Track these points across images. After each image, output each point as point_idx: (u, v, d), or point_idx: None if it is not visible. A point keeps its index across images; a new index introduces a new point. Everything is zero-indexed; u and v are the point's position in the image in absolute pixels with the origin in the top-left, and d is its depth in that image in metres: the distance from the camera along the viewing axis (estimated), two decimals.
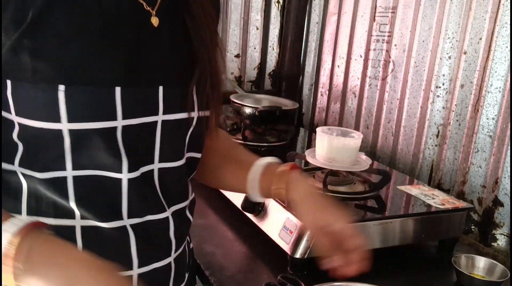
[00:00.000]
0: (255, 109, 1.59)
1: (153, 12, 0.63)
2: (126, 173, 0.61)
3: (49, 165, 0.59)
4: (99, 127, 0.58)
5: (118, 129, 0.59)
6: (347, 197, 1.15)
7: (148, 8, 0.62)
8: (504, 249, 1.25)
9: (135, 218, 0.64)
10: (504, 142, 1.24)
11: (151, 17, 0.63)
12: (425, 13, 1.48)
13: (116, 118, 0.59)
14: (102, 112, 0.58)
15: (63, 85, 0.55)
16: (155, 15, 0.63)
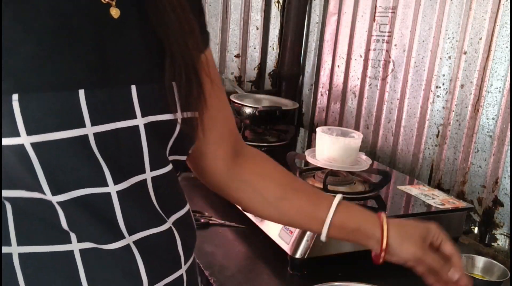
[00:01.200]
0: (255, 109, 1.59)
1: (112, 3, 0.56)
2: (112, 186, 0.55)
3: (28, 185, 0.52)
4: (66, 136, 0.51)
5: (90, 137, 0.52)
6: (347, 197, 1.15)
7: (106, 1, 0.56)
8: (504, 249, 1.25)
9: (137, 233, 0.58)
10: (504, 142, 1.24)
11: (110, 8, 0.56)
12: (425, 13, 1.48)
13: (84, 125, 0.52)
14: (66, 120, 0.51)
15: (17, 94, 0.48)
16: (115, 5, 0.56)
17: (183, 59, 0.61)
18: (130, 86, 0.56)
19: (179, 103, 0.61)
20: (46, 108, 0.50)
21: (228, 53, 1.99)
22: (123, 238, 0.56)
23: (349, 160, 1.17)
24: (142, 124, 0.57)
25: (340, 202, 0.75)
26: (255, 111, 1.59)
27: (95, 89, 0.53)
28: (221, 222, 1.19)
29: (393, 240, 0.73)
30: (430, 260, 0.72)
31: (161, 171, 0.60)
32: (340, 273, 0.96)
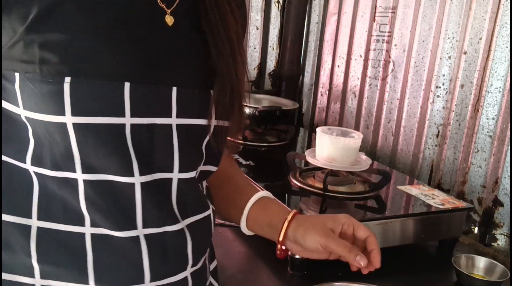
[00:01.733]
0: (255, 109, 1.59)
1: (167, 11, 0.60)
2: (138, 177, 0.58)
3: (59, 163, 0.56)
4: (106, 122, 0.55)
5: (127, 127, 0.56)
6: (347, 197, 1.15)
7: (162, 5, 0.60)
8: (504, 249, 1.25)
9: (151, 228, 0.60)
10: (504, 142, 1.24)
11: (165, 15, 0.60)
12: (425, 13, 1.48)
13: (124, 115, 0.56)
14: (108, 107, 0.55)
15: (69, 77, 0.53)
16: (170, 14, 0.60)
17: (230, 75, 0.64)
18: (171, 87, 0.60)
19: (217, 112, 0.64)
20: (93, 94, 0.54)
21: None
22: (135, 229, 0.59)
23: (349, 160, 1.17)
24: (175, 124, 0.60)
25: (262, 198, 0.78)
26: (255, 111, 1.59)
27: (139, 83, 0.56)
28: (221, 222, 1.19)
29: (296, 232, 0.73)
30: (334, 246, 0.70)
31: (188, 175, 0.63)
32: (340, 273, 0.96)
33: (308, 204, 1.12)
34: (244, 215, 0.77)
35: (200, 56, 0.63)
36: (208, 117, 0.64)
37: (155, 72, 0.59)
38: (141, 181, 0.58)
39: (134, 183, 0.57)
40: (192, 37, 0.62)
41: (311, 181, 1.20)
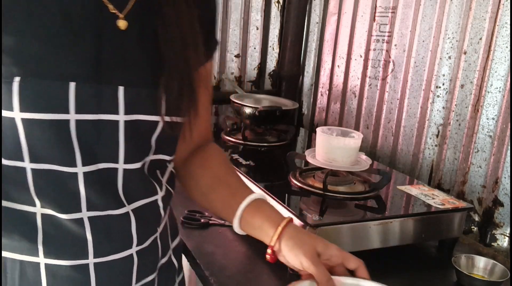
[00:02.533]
0: (255, 109, 1.59)
1: (120, 15, 0.65)
2: (80, 167, 0.63)
3: (10, 153, 0.62)
4: (50, 118, 0.60)
5: (71, 123, 0.61)
6: (347, 197, 1.15)
7: (114, 11, 0.64)
8: (504, 249, 1.25)
9: (95, 211, 0.66)
10: (504, 142, 1.24)
11: (117, 20, 0.64)
12: (425, 13, 1.48)
13: (68, 112, 0.61)
14: (54, 105, 0.60)
15: (19, 77, 0.59)
16: (124, 18, 0.65)
17: (179, 73, 0.68)
18: (118, 87, 0.64)
19: (166, 108, 0.68)
20: (39, 92, 0.59)
21: (228, 53, 1.99)
22: (79, 212, 0.65)
23: (349, 160, 1.17)
24: (123, 120, 0.65)
25: (256, 200, 0.80)
26: (255, 111, 1.59)
27: (85, 83, 0.62)
28: (221, 222, 1.19)
29: (285, 243, 0.76)
30: (315, 272, 0.72)
31: (134, 166, 0.68)
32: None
33: (308, 204, 1.12)
34: (237, 216, 0.80)
35: (150, 57, 0.67)
36: (157, 114, 0.68)
37: (102, 73, 0.63)
38: (83, 171, 0.63)
39: (77, 172, 0.63)
40: (144, 38, 0.67)
41: (311, 181, 1.20)
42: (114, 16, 0.64)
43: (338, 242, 1.01)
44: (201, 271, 1.00)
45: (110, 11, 0.64)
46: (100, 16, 0.63)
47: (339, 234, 1.02)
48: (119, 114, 0.65)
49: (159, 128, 0.69)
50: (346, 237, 1.03)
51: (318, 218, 1.02)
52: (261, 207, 0.81)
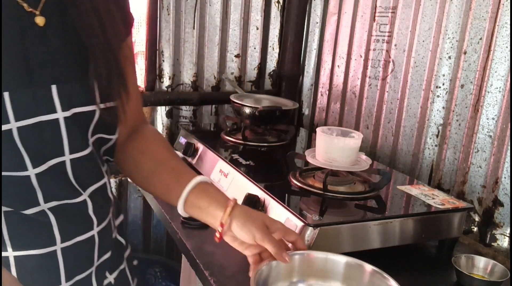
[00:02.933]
0: (255, 109, 1.59)
1: (36, 12, 0.64)
2: (31, 169, 0.65)
3: None
4: None
5: (14, 131, 0.62)
6: (347, 197, 1.15)
7: (30, 9, 0.63)
8: (504, 249, 1.25)
9: (53, 202, 0.68)
10: (504, 142, 1.24)
11: (35, 17, 0.64)
12: (425, 13, 1.48)
13: (8, 121, 0.61)
14: None
15: None
16: (40, 14, 0.64)
17: (105, 59, 0.69)
18: (50, 86, 0.65)
19: (100, 95, 0.70)
20: None
21: (228, 53, 1.99)
22: (38, 206, 0.67)
23: (349, 160, 1.17)
24: (62, 117, 0.66)
25: (201, 183, 0.83)
26: (255, 111, 1.59)
27: (18, 90, 0.62)
28: None
29: (236, 220, 0.81)
30: (268, 243, 0.79)
31: (80, 154, 0.70)
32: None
33: (308, 204, 1.12)
34: (182, 198, 0.82)
35: (75, 49, 0.67)
36: (93, 103, 0.69)
37: (33, 76, 0.63)
38: (35, 172, 0.65)
39: (29, 175, 0.65)
40: (65, 32, 0.66)
41: (311, 181, 1.20)
42: (31, 15, 0.63)
43: (338, 242, 1.02)
44: (201, 271, 1.00)
45: (26, 10, 0.63)
46: (18, 18, 0.62)
47: (339, 234, 1.02)
48: (57, 112, 0.66)
49: (96, 116, 0.71)
50: (346, 237, 1.03)
51: (318, 218, 1.02)
52: (207, 190, 0.84)
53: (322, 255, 0.85)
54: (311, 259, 0.84)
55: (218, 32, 1.93)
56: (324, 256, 0.84)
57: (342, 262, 0.83)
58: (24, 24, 0.63)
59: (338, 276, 0.83)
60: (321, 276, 0.84)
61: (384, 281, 0.79)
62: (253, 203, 1.11)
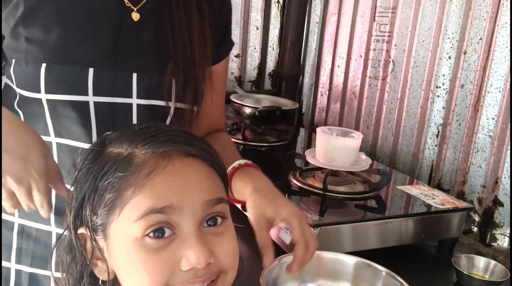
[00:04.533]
0: (255, 109, 1.59)
1: (134, 8, 0.73)
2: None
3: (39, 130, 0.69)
4: (72, 99, 0.70)
5: (90, 104, 0.71)
6: (347, 197, 1.15)
7: (129, 5, 0.72)
8: (504, 249, 1.25)
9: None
10: (504, 142, 1.24)
11: (132, 13, 0.72)
12: (425, 13, 1.48)
13: (87, 94, 0.70)
14: (74, 88, 0.70)
15: (45, 63, 0.69)
16: (137, 11, 0.73)
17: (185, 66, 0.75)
18: (132, 73, 0.73)
19: (175, 95, 0.75)
20: (61, 76, 0.69)
21: None
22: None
23: (349, 160, 1.17)
24: (136, 103, 0.74)
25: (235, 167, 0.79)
26: (255, 111, 1.59)
27: (102, 69, 0.71)
28: None
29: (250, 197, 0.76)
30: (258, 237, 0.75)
31: None
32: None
33: (308, 204, 1.11)
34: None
35: (160, 48, 0.74)
36: (167, 99, 0.75)
37: (118, 61, 0.72)
38: None
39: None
40: (155, 31, 0.74)
41: (311, 181, 1.20)
42: (129, 10, 0.72)
43: (338, 242, 1.02)
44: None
45: (126, 5, 0.72)
46: (117, 10, 0.71)
47: (339, 234, 1.02)
48: (132, 98, 0.73)
49: (170, 114, 0.76)
50: (346, 237, 1.03)
51: (318, 218, 1.02)
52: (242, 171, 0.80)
53: (331, 255, 0.84)
54: (320, 259, 0.83)
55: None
56: (334, 256, 0.84)
57: (351, 263, 0.83)
58: (121, 16, 0.72)
59: (348, 277, 0.82)
60: (331, 276, 0.83)
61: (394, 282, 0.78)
62: None
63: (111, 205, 0.52)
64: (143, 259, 0.50)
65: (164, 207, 0.50)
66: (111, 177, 0.52)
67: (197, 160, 0.55)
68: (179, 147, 0.54)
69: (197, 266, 0.51)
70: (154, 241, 0.50)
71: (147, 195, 0.51)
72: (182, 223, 0.51)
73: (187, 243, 0.51)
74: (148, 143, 0.53)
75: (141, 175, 0.51)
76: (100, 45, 0.71)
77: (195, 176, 0.54)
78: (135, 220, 0.50)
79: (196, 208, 0.52)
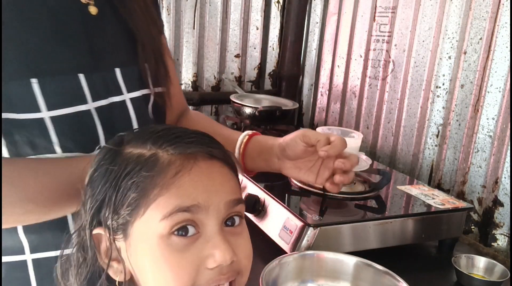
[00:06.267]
0: (255, 109, 1.59)
1: (91, 2, 0.69)
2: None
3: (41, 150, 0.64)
4: (75, 111, 0.65)
5: (92, 111, 0.67)
6: (347, 197, 1.15)
7: (85, 1, 0.69)
8: (504, 249, 1.25)
9: None
10: (504, 142, 1.24)
11: (89, 7, 0.69)
12: (425, 13, 1.48)
13: (86, 102, 0.66)
14: (73, 97, 0.65)
15: (36, 78, 0.62)
16: (94, 5, 0.69)
17: (150, 45, 0.75)
18: (114, 69, 0.71)
19: (151, 80, 0.75)
20: (59, 88, 0.63)
21: (228, 53, 1.99)
22: None
23: None
24: (128, 98, 0.72)
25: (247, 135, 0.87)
26: (255, 111, 1.59)
27: (91, 72, 0.67)
28: None
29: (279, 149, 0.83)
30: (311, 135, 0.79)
31: None
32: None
33: (308, 204, 1.11)
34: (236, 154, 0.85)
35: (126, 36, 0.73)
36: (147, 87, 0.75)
37: (98, 60, 0.69)
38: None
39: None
40: (116, 20, 0.72)
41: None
42: (86, 5, 0.69)
43: (338, 242, 1.02)
44: None
45: (82, 1, 0.68)
46: (75, 7, 0.68)
47: (339, 234, 1.02)
48: (124, 94, 0.72)
49: (151, 100, 0.76)
50: (346, 237, 1.03)
51: (318, 218, 1.02)
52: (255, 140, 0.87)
53: (331, 255, 0.84)
54: (320, 259, 0.84)
55: (218, 32, 1.93)
56: (334, 256, 0.84)
57: (351, 263, 0.83)
58: (82, 13, 0.68)
59: (348, 277, 0.83)
60: (331, 276, 0.83)
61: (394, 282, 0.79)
62: (253, 203, 1.11)
63: (135, 204, 0.52)
64: (168, 258, 0.51)
65: (191, 206, 0.52)
66: (135, 177, 0.52)
67: (220, 162, 0.57)
68: (204, 149, 0.55)
69: (223, 264, 0.52)
70: (179, 239, 0.51)
71: (174, 194, 0.52)
72: (207, 222, 0.53)
73: (212, 242, 0.52)
74: (173, 144, 0.54)
75: (168, 175, 0.52)
76: (76, 48, 0.67)
77: (219, 177, 0.55)
78: (161, 218, 0.51)
79: (220, 207, 0.54)
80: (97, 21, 0.70)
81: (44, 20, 0.64)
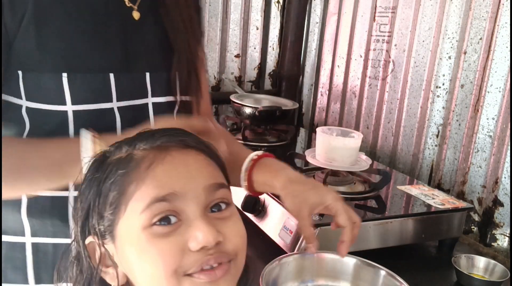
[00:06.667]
0: (255, 109, 1.59)
1: (134, 7, 0.72)
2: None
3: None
4: (97, 108, 0.68)
5: (115, 110, 0.70)
6: (347, 197, 1.15)
7: (129, 4, 0.72)
8: (504, 249, 1.25)
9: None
10: (504, 142, 1.24)
11: (132, 12, 0.72)
12: (425, 13, 1.48)
13: (111, 100, 0.69)
14: (98, 95, 0.68)
15: (66, 73, 0.66)
16: (137, 10, 0.72)
17: (186, 57, 0.76)
18: (145, 73, 0.74)
19: (179, 89, 0.77)
20: (86, 85, 0.67)
21: (228, 53, 1.99)
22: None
23: (349, 160, 1.17)
24: (151, 102, 0.74)
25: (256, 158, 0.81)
26: (255, 111, 1.59)
27: (121, 73, 0.70)
28: None
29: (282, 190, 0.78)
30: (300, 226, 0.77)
31: None
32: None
33: None
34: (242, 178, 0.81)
35: (163, 43, 0.75)
36: (173, 94, 0.76)
37: (132, 62, 0.71)
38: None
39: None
40: (156, 27, 0.74)
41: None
42: (130, 9, 0.72)
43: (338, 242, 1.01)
44: None
45: (127, 5, 0.71)
46: (120, 11, 0.71)
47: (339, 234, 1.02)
48: (148, 97, 0.74)
49: (176, 108, 0.77)
50: None
51: (318, 218, 1.02)
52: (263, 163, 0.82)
53: (331, 255, 0.84)
54: (320, 259, 0.84)
55: (218, 32, 1.93)
56: (334, 256, 0.84)
57: (351, 263, 0.83)
58: (124, 17, 0.71)
59: (348, 277, 0.82)
60: (331, 276, 0.83)
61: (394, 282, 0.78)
62: (253, 203, 1.11)
63: (116, 203, 0.53)
64: (152, 244, 0.51)
65: (167, 195, 0.52)
66: (113, 177, 0.53)
67: (195, 150, 0.56)
68: (175, 139, 0.56)
69: (207, 245, 0.51)
70: (161, 227, 0.52)
71: (149, 186, 0.52)
72: (187, 209, 0.53)
73: (194, 225, 0.52)
74: (145, 141, 0.55)
75: (141, 169, 0.53)
76: (112, 48, 0.70)
77: (195, 163, 0.55)
78: (141, 211, 0.51)
79: (199, 193, 0.53)
80: (137, 26, 0.72)
81: (86, 18, 0.67)
